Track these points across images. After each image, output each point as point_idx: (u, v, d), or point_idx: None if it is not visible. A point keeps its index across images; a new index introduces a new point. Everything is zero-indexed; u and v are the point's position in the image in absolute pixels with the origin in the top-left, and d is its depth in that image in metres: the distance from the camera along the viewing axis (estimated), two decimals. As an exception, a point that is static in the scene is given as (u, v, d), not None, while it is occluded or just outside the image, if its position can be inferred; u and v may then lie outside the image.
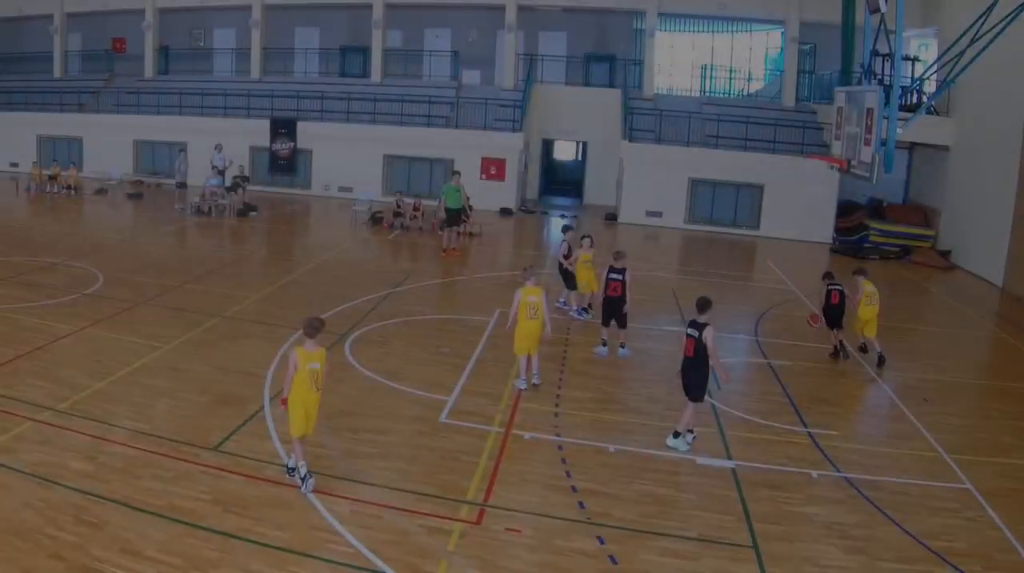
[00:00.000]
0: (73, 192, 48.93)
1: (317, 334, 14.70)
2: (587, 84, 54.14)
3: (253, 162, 51.23)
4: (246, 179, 44.96)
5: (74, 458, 15.36)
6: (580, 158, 57.52)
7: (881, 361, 23.66)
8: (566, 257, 26.75)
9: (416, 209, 40.93)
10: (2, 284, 27.28)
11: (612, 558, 12.94)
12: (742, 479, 15.76)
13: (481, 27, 55.53)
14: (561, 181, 59.23)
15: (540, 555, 13.01)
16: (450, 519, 13.95)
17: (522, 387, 19.99)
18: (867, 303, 23.78)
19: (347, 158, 49.81)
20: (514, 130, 48.00)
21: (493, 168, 47.56)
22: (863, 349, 24.72)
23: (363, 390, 19.65)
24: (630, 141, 45.90)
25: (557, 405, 19.21)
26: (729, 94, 54.73)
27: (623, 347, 23.17)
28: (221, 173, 44.72)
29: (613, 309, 22.77)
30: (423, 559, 12.71)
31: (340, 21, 58.00)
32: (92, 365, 20.40)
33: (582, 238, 26.74)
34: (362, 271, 32.13)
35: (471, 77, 55.57)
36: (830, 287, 23.95)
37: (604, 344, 23.06)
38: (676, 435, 17.17)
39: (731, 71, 55.04)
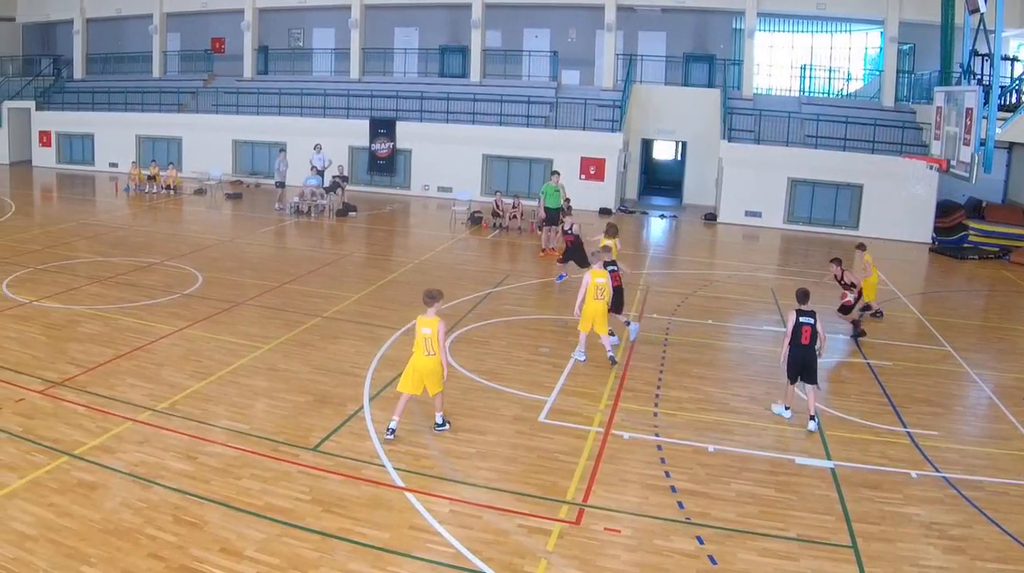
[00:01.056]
0: (172, 192, 49.69)
1: (433, 302, 16.98)
2: (686, 84, 53.82)
3: (352, 162, 51.85)
4: (345, 179, 45.43)
5: (173, 458, 15.71)
6: (679, 158, 57.20)
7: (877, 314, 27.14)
8: (565, 233, 29.20)
9: (515, 208, 41.11)
10: (102, 284, 27.91)
11: (711, 558, 12.95)
12: (841, 479, 15.77)
13: (580, 27, 55.63)
14: (660, 181, 59.00)
15: (639, 555, 13.01)
16: (549, 519, 14.01)
17: (580, 359, 21.82)
18: (869, 273, 26.39)
19: (446, 158, 50.09)
20: (613, 130, 47.92)
21: (592, 168, 47.55)
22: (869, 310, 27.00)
23: (463, 390, 19.66)
24: (729, 141, 45.65)
25: (656, 405, 19.23)
26: (828, 94, 54.23)
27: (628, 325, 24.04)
28: (320, 173, 45.26)
29: (618, 297, 23.40)
30: (522, 559, 12.79)
31: (439, 21, 58.32)
32: (191, 365, 20.84)
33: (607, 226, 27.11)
34: (461, 271, 32.30)
35: (570, 77, 55.57)
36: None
37: (628, 322, 23.76)
38: (812, 418, 18.05)
39: (830, 71, 54.62)
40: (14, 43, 69.21)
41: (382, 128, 51.60)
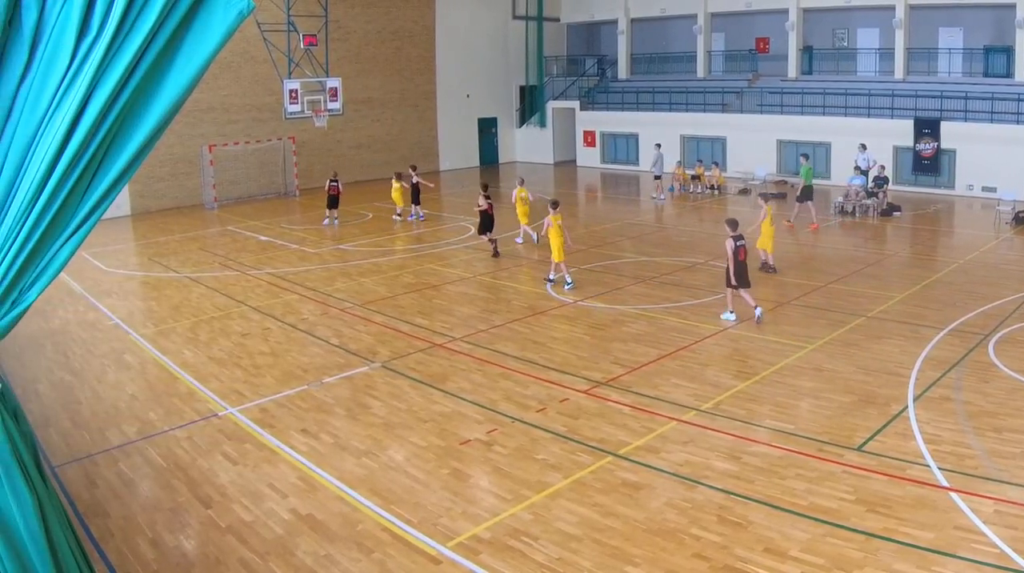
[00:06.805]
0: (716, 192, 51.95)
1: (557, 207, 29.56)
2: None
3: (896, 162, 52.14)
4: (885, 180, 46.01)
5: (718, 458, 16.42)
6: None
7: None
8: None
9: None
10: (647, 284, 29.56)
11: None
12: None
13: None
14: None
15: None
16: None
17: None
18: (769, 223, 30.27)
19: (990, 158, 49.34)
20: None
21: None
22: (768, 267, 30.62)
23: (1007, 390, 19.42)
24: None
25: None
26: None
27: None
28: (864, 173, 45.97)
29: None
30: (1067, 561, 12.44)
31: (983, 21, 57.05)
32: (735, 365, 21.91)
33: None
34: (1006, 271, 31.66)
35: (1118, 75, 53.46)
36: None
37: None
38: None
39: None
40: (559, 43, 74.28)
41: (926, 128, 51.68)
